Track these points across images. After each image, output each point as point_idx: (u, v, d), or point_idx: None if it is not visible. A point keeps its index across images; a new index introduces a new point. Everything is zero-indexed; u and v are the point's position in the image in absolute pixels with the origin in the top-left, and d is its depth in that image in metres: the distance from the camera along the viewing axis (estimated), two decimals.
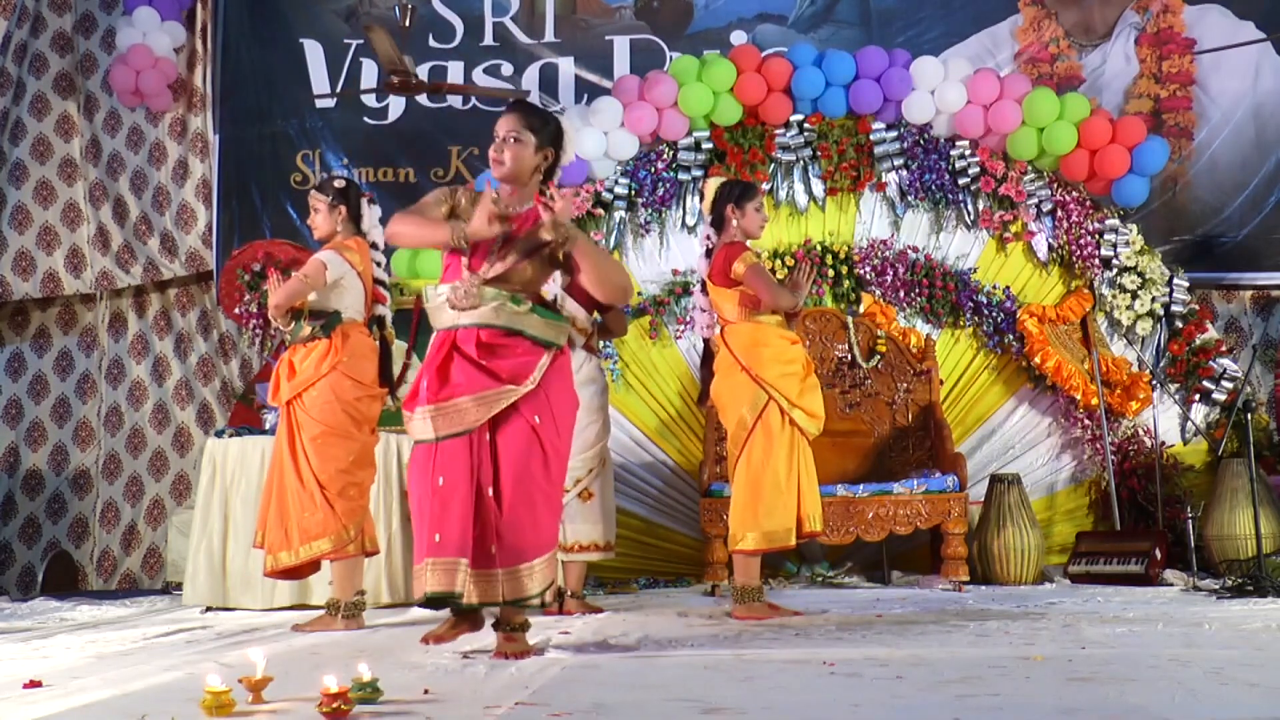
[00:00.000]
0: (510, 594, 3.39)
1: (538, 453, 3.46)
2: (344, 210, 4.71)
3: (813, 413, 4.61)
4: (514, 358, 3.47)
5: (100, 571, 7.17)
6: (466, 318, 3.47)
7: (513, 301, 3.49)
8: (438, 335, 3.56)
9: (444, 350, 3.49)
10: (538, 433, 3.46)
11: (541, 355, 3.50)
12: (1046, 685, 2.82)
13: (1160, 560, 5.63)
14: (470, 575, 3.36)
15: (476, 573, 3.37)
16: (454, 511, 3.37)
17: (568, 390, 3.60)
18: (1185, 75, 7.00)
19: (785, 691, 2.82)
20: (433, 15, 7.34)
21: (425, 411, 3.44)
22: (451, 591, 3.33)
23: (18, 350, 7.40)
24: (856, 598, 5.31)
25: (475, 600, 3.37)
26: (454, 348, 3.48)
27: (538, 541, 3.44)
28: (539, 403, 3.48)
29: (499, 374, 3.43)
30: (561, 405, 3.55)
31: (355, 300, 4.67)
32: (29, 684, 3.10)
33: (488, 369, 3.43)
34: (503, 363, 3.45)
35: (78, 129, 7.43)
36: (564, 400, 3.57)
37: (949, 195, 6.58)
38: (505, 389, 3.43)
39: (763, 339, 4.58)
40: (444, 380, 3.45)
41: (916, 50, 6.77)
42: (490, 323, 3.46)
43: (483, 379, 3.43)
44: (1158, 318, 6.46)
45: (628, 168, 6.59)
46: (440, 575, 3.33)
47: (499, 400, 3.43)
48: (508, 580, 3.38)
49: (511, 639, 3.48)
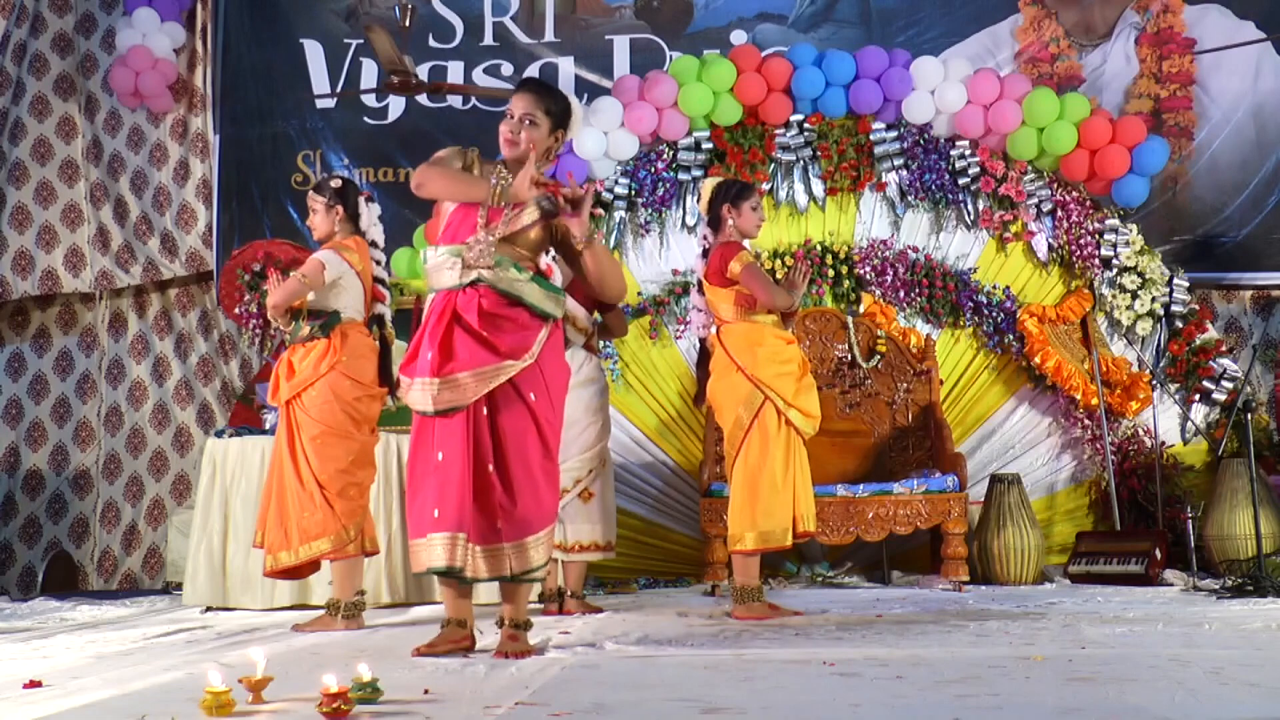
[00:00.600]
0: (518, 567, 3.43)
1: (534, 430, 3.49)
2: (341, 210, 4.71)
3: (809, 413, 4.60)
4: (513, 331, 3.50)
5: (100, 571, 7.17)
6: (469, 276, 3.49)
7: (515, 268, 3.52)
8: (436, 298, 3.57)
9: (445, 319, 3.50)
10: (533, 410, 3.49)
11: (540, 329, 3.53)
12: (1046, 685, 2.82)
13: (1160, 560, 5.63)
14: (478, 552, 3.41)
15: (484, 549, 3.42)
16: (453, 486, 3.41)
17: (561, 364, 3.65)
18: (1185, 75, 7.00)
19: (785, 691, 2.82)
20: (432, 15, 7.34)
21: (426, 384, 3.47)
22: (451, 566, 3.37)
23: (18, 350, 7.40)
24: (856, 598, 5.30)
25: (484, 575, 3.43)
26: (455, 317, 3.50)
27: (540, 514, 3.49)
28: (535, 379, 3.51)
29: (498, 348, 3.46)
30: (555, 379, 3.60)
31: (354, 300, 4.67)
32: (29, 684, 3.10)
33: (488, 342, 3.46)
34: (503, 336, 3.47)
35: (79, 130, 7.43)
36: (558, 374, 3.62)
37: (949, 195, 6.58)
38: (504, 364, 3.46)
39: (758, 338, 4.58)
40: (446, 354, 3.47)
41: (916, 50, 6.77)
42: (493, 284, 3.49)
43: (482, 353, 3.45)
44: (1158, 318, 6.46)
45: (628, 168, 6.59)
46: (442, 550, 3.38)
47: (497, 375, 3.46)
48: (515, 554, 3.43)
49: (514, 638, 3.49)
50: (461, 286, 3.51)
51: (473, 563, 3.41)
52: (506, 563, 3.43)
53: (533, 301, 3.52)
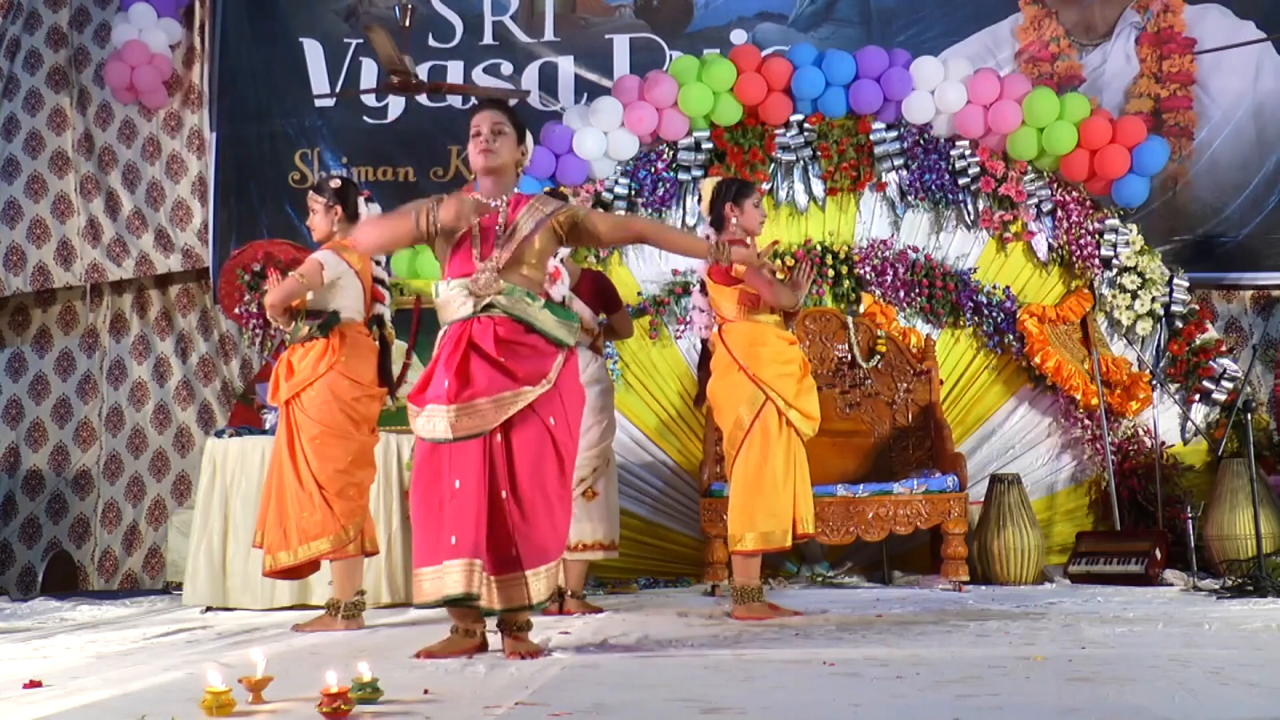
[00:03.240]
0: (535, 596, 3.41)
1: (552, 454, 3.49)
2: (340, 210, 4.70)
3: (809, 414, 4.60)
4: (530, 358, 3.49)
5: (101, 571, 7.17)
6: (482, 303, 3.50)
7: (528, 296, 3.53)
8: (452, 329, 3.55)
9: (461, 347, 3.49)
10: (552, 434, 3.49)
11: (557, 355, 3.54)
12: (1046, 685, 2.81)
13: (1160, 560, 5.63)
14: (493, 582, 3.38)
15: (500, 579, 3.39)
16: (469, 514, 3.36)
17: (578, 389, 3.67)
18: (1185, 75, 7.00)
19: (785, 691, 2.82)
20: (432, 14, 7.34)
21: (444, 411, 3.43)
22: (469, 593, 3.33)
23: (18, 350, 7.40)
24: (856, 598, 5.30)
25: (499, 605, 3.40)
26: (471, 345, 3.49)
27: (556, 541, 3.49)
28: (554, 403, 3.51)
29: (515, 374, 3.46)
30: (574, 405, 3.61)
31: (354, 300, 4.66)
32: (29, 684, 3.10)
33: (506, 368, 3.45)
34: (520, 363, 3.47)
35: (70, 122, 7.42)
36: (575, 400, 3.64)
37: (949, 195, 6.58)
38: (522, 390, 3.45)
39: (761, 338, 4.57)
40: (464, 381, 3.45)
41: (917, 49, 6.77)
42: (508, 311, 3.50)
43: (500, 380, 3.45)
44: (1158, 318, 6.46)
45: (628, 168, 6.59)
46: (459, 577, 3.33)
47: (515, 402, 3.45)
48: (533, 581, 3.41)
49: (520, 639, 3.49)
50: (475, 315, 3.51)
51: (488, 592, 3.38)
52: (524, 591, 3.40)
53: (545, 329, 3.53)
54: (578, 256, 6.21)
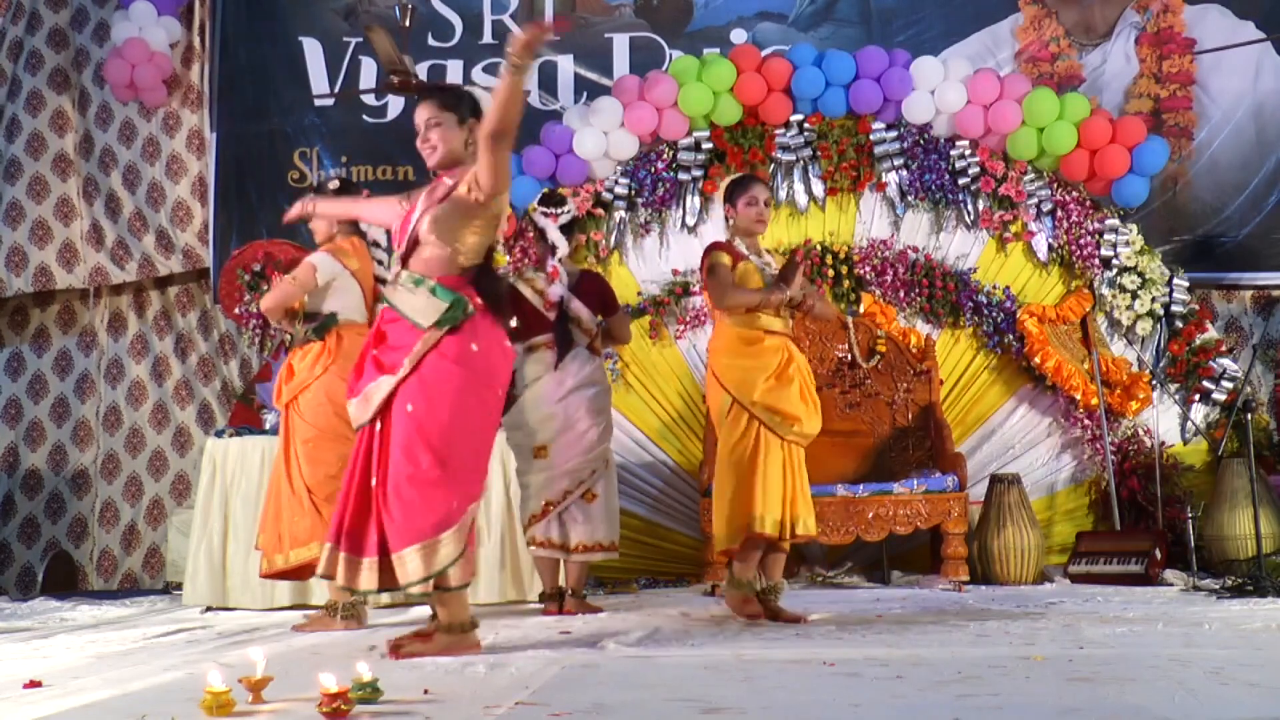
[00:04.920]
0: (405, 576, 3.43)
1: (418, 440, 3.46)
2: None
3: (785, 413, 4.39)
4: (394, 348, 3.55)
5: (100, 571, 7.17)
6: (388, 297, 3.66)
7: (412, 282, 3.57)
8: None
9: (369, 343, 3.66)
10: (414, 420, 3.48)
11: (414, 341, 3.52)
12: (1046, 685, 2.81)
13: (1160, 560, 5.63)
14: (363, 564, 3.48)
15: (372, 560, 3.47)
16: (341, 501, 3.54)
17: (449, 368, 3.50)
18: (1185, 75, 7.00)
19: (785, 691, 2.82)
20: (431, 13, 7.34)
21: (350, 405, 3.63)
22: (327, 574, 3.52)
23: (17, 350, 7.39)
24: (856, 598, 5.30)
25: (373, 587, 3.49)
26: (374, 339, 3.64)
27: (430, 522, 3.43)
28: (411, 390, 3.50)
29: (382, 365, 3.56)
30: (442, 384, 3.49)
31: (352, 301, 4.66)
32: (29, 684, 3.10)
33: (377, 360, 3.57)
34: (388, 353, 3.55)
35: (71, 124, 7.42)
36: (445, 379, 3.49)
37: (949, 195, 6.58)
38: (379, 380, 3.53)
39: (727, 339, 4.48)
40: (358, 374, 3.62)
41: (916, 49, 6.77)
42: (389, 300, 3.63)
43: (372, 372, 3.57)
44: (1158, 318, 6.46)
45: (628, 168, 6.59)
46: (324, 559, 3.52)
47: (377, 392, 3.53)
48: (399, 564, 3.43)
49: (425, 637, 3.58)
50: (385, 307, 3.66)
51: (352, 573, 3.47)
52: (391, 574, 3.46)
53: (407, 312, 3.55)
54: (577, 258, 6.22)
